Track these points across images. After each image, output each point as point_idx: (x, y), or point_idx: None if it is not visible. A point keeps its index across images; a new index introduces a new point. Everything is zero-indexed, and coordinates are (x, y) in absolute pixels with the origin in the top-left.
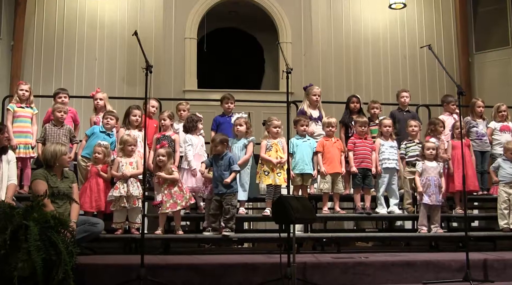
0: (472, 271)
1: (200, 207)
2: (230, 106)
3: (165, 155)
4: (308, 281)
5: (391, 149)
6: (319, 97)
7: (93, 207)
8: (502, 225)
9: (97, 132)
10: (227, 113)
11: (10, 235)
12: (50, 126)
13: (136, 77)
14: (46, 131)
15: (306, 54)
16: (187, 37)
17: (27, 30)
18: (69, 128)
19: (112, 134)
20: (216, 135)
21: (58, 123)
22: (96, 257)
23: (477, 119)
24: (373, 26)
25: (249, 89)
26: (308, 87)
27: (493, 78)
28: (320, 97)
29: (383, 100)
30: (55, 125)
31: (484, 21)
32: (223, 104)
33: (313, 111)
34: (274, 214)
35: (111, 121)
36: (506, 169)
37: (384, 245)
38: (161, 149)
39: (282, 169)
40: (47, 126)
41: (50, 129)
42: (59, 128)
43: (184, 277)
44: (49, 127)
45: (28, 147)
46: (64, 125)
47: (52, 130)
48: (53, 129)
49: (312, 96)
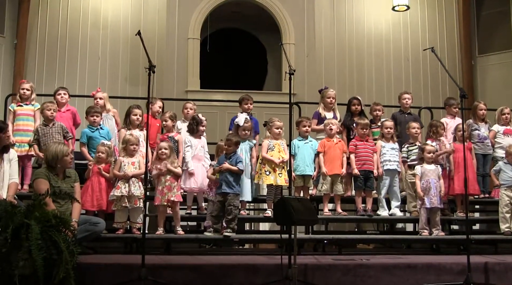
0: (473, 274)
1: (201, 207)
2: (250, 106)
3: (167, 148)
4: (309, 282)
5: (392, 151)
6: (334, 99)
7: (94, 206)
8: (503, 229)
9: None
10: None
11: (12, 233)
12: (41, 126)
13: (139, 77)
14: (38, 132)
15: (309, 55)
16: (190, 37)
17: (30, 29)
18: (60, 125)
19: (102, 125)
20: (231, 135)
21: (48, 121)
22: (97, 257)
23: (479, 122)
24: (376, 28)
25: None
26: (323, 90)
27: (495, 81)
28: (335, 99)
29: (385, 102)
30: (46, 124)
31: (487, 24)
32: (242, 104)
33: (327, 113)
34: (276, 215)
35: (97, 118)
36: (508, 173)
37: (385, 247)
38: (162, 143)
39: (283, 170)
40: (39, 127)
41: (41, 130)
42: (51, 126)
43: (185, 278)
44: (40, 128)
45: (25, 145)
46: (55, 123)
47: (44, 130)
48: (44, 129)
49: (326, 99)
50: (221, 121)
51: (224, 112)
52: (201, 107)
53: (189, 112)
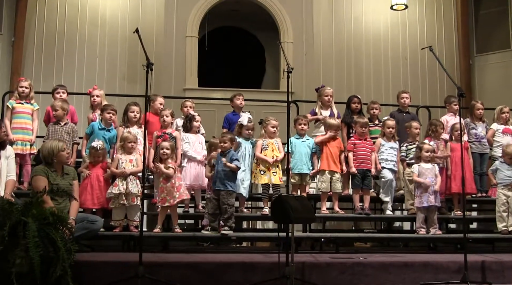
0: (470, 272)
1: (198, 205)
2: (242, 102)
3: (169, 148)
4: (306, 280)
5: (391, 150)
6: (331, 97)
7: (95, 204)
8: (500, 228)
9: (96, 129)
10: (238, 111)
11: (9, 231)
12: (53, 124)
13: (136, 74)
14: (49, 130)
15: (307, 54)
16: (189, 35)
17: (28, 26)
18: (72, 126)
19: (112, 128)
20: (225, 133)
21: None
22: (95, 255)
23: (476, 122)
24: (374, 27)
25: (250, 88)
26: (320, 89)
27: (493, 80)
28: (333, 98)
29: (383, 101)
30: (58, 122)
31: (485, 23)
32: (234, 101)
33: (324, 112)
34: (273, 213)
35: (113, 116)
36: (505, 172)
37: (383, 245)
38: (164, 142)
39: (278, 168)
40: (50, 125)
41: (52, 128)
42: (62, 125)
43: (182, 275)
44: (51, 126)
45: (26, 143)
46: (68, 123)
47: (55, 128)
48: (55, 127)
49: (324, 97)
50: (219, 120)
51: (222, 110)
52: (199, 105)
53: (189, 110)
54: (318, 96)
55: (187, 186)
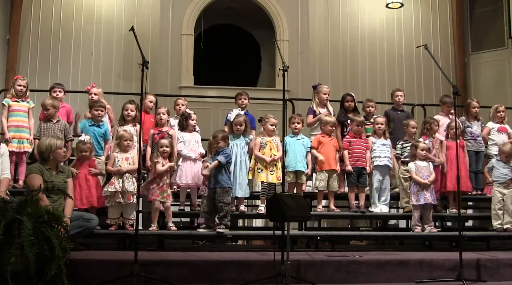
0: (465, 270)
1: (194, 203)
2: (244, 101)
3: (168, 146)
4: (302, 278)
5: (383, 147)
6: (329, 95)
7: (84, 203)
8: (495, 225)
9: (86, 125)
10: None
11: (3, 229)
12: (44, 122)
13: (132, 72)
14: (41, 128)
15: (303, 52)
16: (184, 33)
17: (23, 24)
18: (64, 124)
19: (103, 124)
20: (217, 132)
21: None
22: (90, 253)
23: (472, 120)
24: (370, 25)
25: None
26: (317, 86)
27: (488, 78)
28: (329, 95)
29: (379, 99)
30: (49, 120)
31: (480, 21)
32: (237, 100)
33: (321, 109)
34: (269, 211)
35: (102, 112)
36: (500, 170)
37: (378, 243)
38: (163, 140)
39: (275, 167)
40: (42, 123)
41: (44, 125)
42: (54, 123)
43: (178, 274)
44: (43, 123)
45: (23, 141)
46: (60, 120)
47: (47, 126)
48: (48, 124)
49: (322, 95)
50: (214, 117)
51: (217, 108)
52: (195, 103)
53: (181, 108)
54: (316, 93)
55: (183, 185)
